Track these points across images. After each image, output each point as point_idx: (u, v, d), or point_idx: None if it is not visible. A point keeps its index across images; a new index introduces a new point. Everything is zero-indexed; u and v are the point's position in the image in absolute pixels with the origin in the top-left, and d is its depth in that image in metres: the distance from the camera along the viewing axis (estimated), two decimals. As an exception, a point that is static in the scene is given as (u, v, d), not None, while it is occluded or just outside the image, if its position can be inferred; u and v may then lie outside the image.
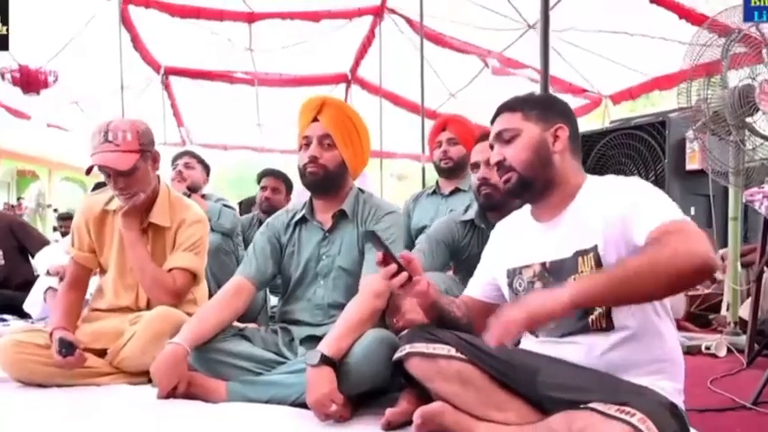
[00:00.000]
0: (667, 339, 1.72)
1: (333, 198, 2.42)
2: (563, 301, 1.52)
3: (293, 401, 2.10)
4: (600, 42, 8.06)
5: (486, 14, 8.33)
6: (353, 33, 10.12)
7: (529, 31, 8.43)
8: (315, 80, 11.43)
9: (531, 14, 8.14)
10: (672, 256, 1.44)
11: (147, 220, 2.62)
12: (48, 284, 3.91)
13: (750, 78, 3.69)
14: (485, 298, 2.03)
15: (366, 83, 11.30)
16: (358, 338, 2.07)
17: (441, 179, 3.58)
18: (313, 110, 2.37)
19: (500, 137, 1.86)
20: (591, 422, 1.50)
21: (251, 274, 2.40)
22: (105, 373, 2.49)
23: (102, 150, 2.45)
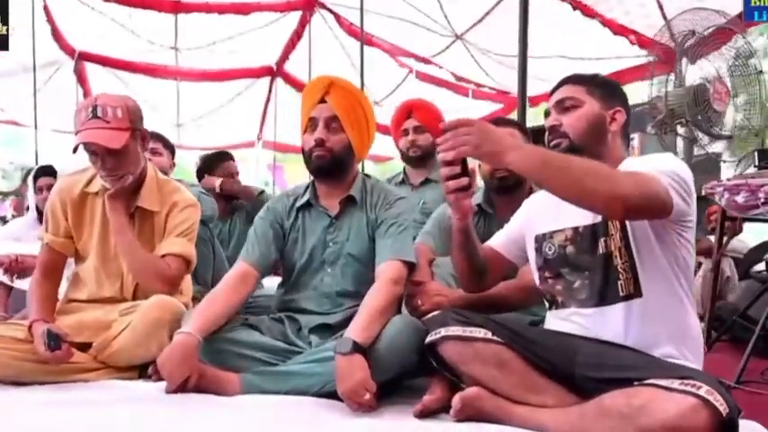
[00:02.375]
0: (691, 315, 1.77)
1: (339, 183, 2.29)
2: (507, 154, 1.61)
3: (316, 391, 1.96)
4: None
5: (419, 20, 8.26)
6: (282, 29, 9.88)
7: (456, 41, 8.45)
8: (238, 73, 11.12)
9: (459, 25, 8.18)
10: (609, 177, 1.59)
11: (134, 204, 2.40)
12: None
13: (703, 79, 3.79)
14: (506, 252, 2.06)
15: (291, 78, 11.08)
16: (385, 325, 1.97)
17: (409, 168, 3.46)
18: (320, 90, 2.23)
19: (560, 104, 1.88)
20: (653, 397, 1.48)
21: (255, 260, 2.25)
22: (91, 368, 2.25)
23: (91, 127, 2.23)
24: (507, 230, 2.10)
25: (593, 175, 1.59)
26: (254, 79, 11.36)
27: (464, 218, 1.86)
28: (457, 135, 1.64)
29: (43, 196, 3.74)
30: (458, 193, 1.74)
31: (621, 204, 1.56)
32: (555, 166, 1.62)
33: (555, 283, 1.90)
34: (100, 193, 2.40)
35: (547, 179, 1.63)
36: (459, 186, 1.72)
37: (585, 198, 1.60)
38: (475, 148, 1.63)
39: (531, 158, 1.62)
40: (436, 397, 1.85)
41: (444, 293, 2.18)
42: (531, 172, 1.64)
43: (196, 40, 9.93)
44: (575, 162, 1.63)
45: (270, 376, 2.01)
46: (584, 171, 1.60)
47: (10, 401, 1.99)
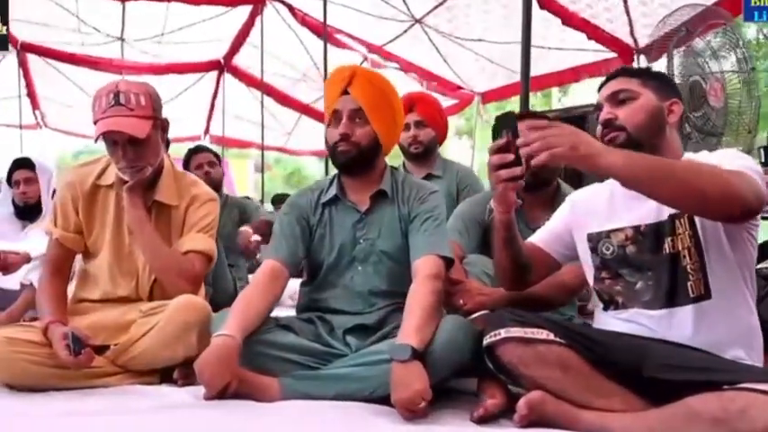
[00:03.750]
0: (754, 315, 1.73)
1: (367, 177, 2.18)
2: (604, 156, 1.54)
3: (365, 396, 1.85)
4: (482, 44, 8.10)
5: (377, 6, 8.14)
6: (232, 21, 9.60)
7: (415, 25, 8.36)
8: (186, 67, 10.81)
9: (418, 8, 8.09)
10: (717, 176, 1.52)
11: (151, 198, 2.24)
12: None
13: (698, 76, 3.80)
14: (550, 250, 1.99)
15: (240, 72, 10.82)
16: (437, 325, 1.87)
17: (409, 164, 3.37)
18: (342, 81, 2.11)
19: (614, 97, 1.82)
20: (753, 402, 1.42)
21: (284, 258, 2.11)
22: (109, 373, 2.09)
23: (114, 114, 2.07)
24: (550, 228, 2.03)
25: (696, 174, 1.53)
26: (201, 73, 11.06)
27: (508, 210, 1.78)
28: (546, 136, 1.55)
29: (20, 190, 3.51)
30: (509, 182, 1.66)
31: (739, 205, 1.50)
32: (656, 167, 1.54)
33: (613, 284, 1.83)
34: (114, 186, 2.23)
35: (649, 182, 1.55)
36: (511, 176, 1.64)
37: (696, 200, 1.53)
38: (570, 149, 1.53)
39: (630, 161, 1.54)
40: (498, 401, 1.76)
41: (486, 292, 2.11)
42: (632, 175, 1.55)
43: (144, 32, 9.58)
44: (675, 163, 1.57)
45: (313, 380, 1.89)
46: (686, 171, 1.53)
47: (29, 411, 1.82)
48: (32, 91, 11.00)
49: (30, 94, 10.98)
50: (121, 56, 10.10)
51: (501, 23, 7.57)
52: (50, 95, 11.20)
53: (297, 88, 10.69)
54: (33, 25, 9.16)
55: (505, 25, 7.58)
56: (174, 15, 9.07)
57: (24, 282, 3.27)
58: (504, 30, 7.59)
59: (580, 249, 1.94)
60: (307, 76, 10.42)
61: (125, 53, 10.09)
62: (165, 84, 10.59)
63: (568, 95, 14.59)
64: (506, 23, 7.55)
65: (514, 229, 1.84)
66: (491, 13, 7.52)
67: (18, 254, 3.18)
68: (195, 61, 10.73)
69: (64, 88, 10.66)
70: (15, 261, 3.17)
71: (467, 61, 8.68)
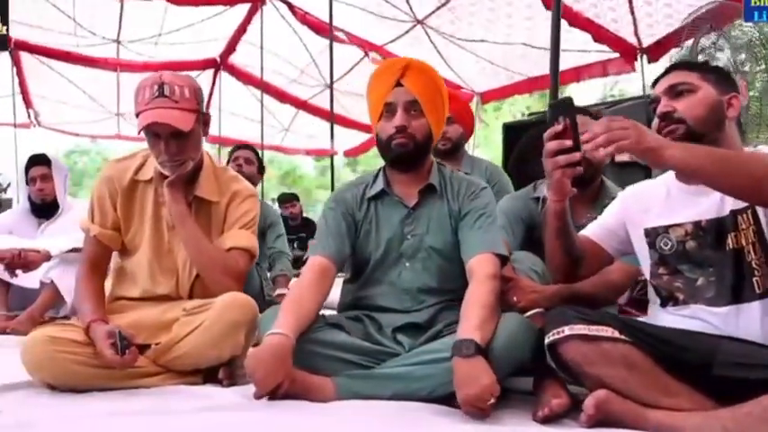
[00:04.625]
0: None
1: (416, 171, 2.11)
2: (667, 149, 1.55)
3: (423, 396, 1.79)
4: (483, 45, 8.07)
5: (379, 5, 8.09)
6: (228, 21, 9.52)
7: (416, 26, 8.32)
8: (181, 66, 10.69)
9: (420, 9, 8.05)
10: None
11: (191, 194, 2.16)
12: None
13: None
14: (604, 243, 1.96)
15: (237, 70, 10.73)
16: (497, 323, 1.81)
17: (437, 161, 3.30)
18: (395, 73, 2.04)
19: (672, 89, 1.78)
20: None
21: (332, 254, 2.05)
22: (151, 373, 2.02)
23: (158, 106, 1.99)
24: (603, 222, 1.98)
25: (757, 163, 1.51)
26: (197, 72, 10.95)
27: (563, 198, 1.74)
28: (611, 129, 1.53)
29: (37, 187, 3.44)
30: (566, 168, 1.62)
31: None
32: (718, 158, 1.52)
33: (672, 280, 1.79)
34: (153, 181, 2.16)
35: (715, 175, 1.53)
36: (570, 162, 1.60)
37: (757, 189, 1.51)
38: (636, 143, 1.52)
39: (692, 152, 1.53)
40: (564, 401, 1.71)
41: (538, 290, 2.06)
42: (696, 166, 1.54)
43: (140, 33, 9.49)
44: (736, 154, 1.55)
45: (368, 380, 1.83)
46: (747, 161, 1.52)
47: (75, 411, 1.74)
48: (25, 89, 10.86)
49: (23, 92, 10.83)
50: (117, 57, 10.00)
51: (504, 24, 7.56)
52: (44, 93, 11.07)
53: (294, 85, 10.63)
54: (28, 27, 9.03)
55: (509, 26, 7.57)
56: (172, 16, 8.98)
57: (44, 280, 3.20)
58: (508, 30, 7.59)
59: (636, 244, 1.89)
60: (304, 74, 10.37)
61: (120, 54, 9.99)
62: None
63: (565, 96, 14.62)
64: (509, 24, 7.55)
65: (568, 219, 1.79)
66: (495, 12, 7.49)
67: (38, 252, 3.12)
68: (191, 59, 10.64)
69: (57, 86, 10.56)
70: (35, 259, 3.11)
71: (467, 62, 8.65)
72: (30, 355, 1.88)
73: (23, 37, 9.41)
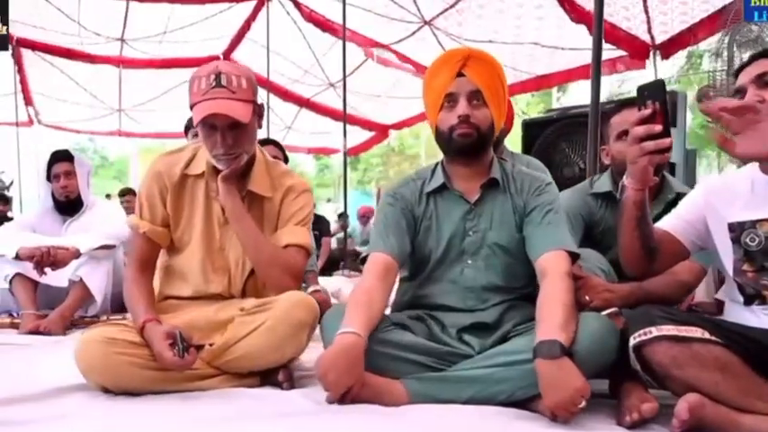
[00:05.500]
0: None
1: (478, 165, 2.01)
2: None
3: (502, 400, 1.70)
4: (492, 46, 7.97)
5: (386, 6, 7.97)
6: (233, 18, 9.39)
7: (424, 27, 8.22)
8: (183, 62, 10.56)
9: (428, 10, 7.95)
10: None
11: (244, 189, 2.05)
12: (13, 271, 3.10)
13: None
14: (681, 237, 1.85)
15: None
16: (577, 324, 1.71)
17: None
18: (457, 63, 1.93)
19: (761, 79, 1.71)
20: None
21: (395, 252, 1.94)
22: (207, 375, 1.92)
23: (216, 97, 1.88)
24: (680, 215, 1.88)
25: None
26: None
27: (644, 187, 1.65)
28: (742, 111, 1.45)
29: (61, 184, 3.32)
30: (655, 155, 1.54)
31: None
32: None
33: (758, 278, 1.69)
34: (206, 176, 2.05)
35: None
36: (660, 147, 1.52)
37: None
38: None
39: None
40: (655, 405, 1.60)
41: (611, 288, 1.96)
42: None
43: (145, 31, 9.36)
44: None
45: (441, 383, 1.73)
46: None
47: (154, 420, 1.64)
48: (26, 87, 10.72)
49: (24, 90, 10.69)
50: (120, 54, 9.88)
51: (514, 25, 7.47)
52: (44, 91, 10.93)
53: (297, 83, 10.51)
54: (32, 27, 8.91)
55: (518, 26, 7.49)
56: (177, 14, 8.86)
57: (73, 278, 3.09)
58: (517, 31, 7.51)
59: (717, 239, 1.80)
60: (308, 73, 10.26)
61: (124, 53, 9.86)
62: (162, 78, 10.44)
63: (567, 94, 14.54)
64: (518, 25, 7.46)
65: (647, 209, 1.70)
66: (504, 13, 7.40)
67: (67, 249, 3.01)
68: (194, 56, 10.51)
69: (58, 83, 10.41)
70: (64, 257, 3.00)
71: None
72: (85, 356, 1.78)
73: (27, 34, 9.29)
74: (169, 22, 9.09)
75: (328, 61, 9.66)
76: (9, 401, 1.73)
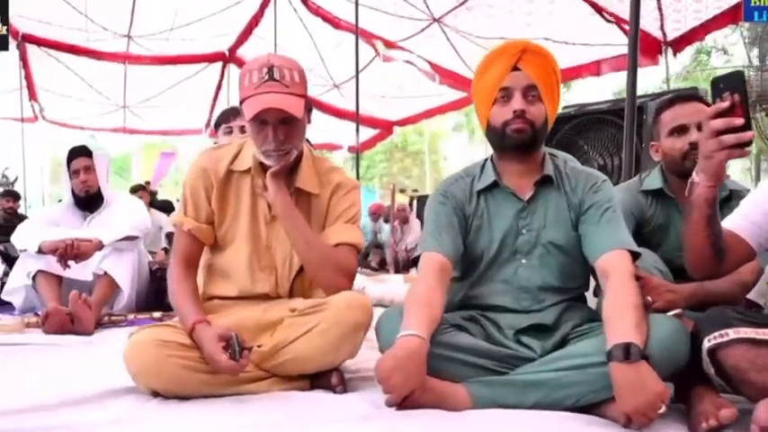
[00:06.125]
0: None
1: (530, 161, 1.93)
2: None
3: (570, 405, 1.62)
4: (499, 43, 7.88)
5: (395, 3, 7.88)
6: (239, 14, 9.28)
7: (433, 24, 8.14)
8: (189, 58, 10.48)
9: (437, 8, 7.87)
10: None
11: (292, 185, 1.97)
12: (36, 267, 3.02)
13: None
14: (748, 237, 1.76)
15: (245, 63, 10.44)
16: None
17: None
18: (512, 57, 1.86)
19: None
20: None
21: (449, 251, 1.87)
22: (257, 378, 1.84)
23: (268, 90, 1.79)
24: (746, 214, 1.80)
25: None
26: (205, 64, 10.72)
27: (717, 183, 1.58)
28: None
29: (81, 179, 3.25)
30: (734, 149, 1.47)
31: None
32: None
33: None
34: (253, 172, 1.97)
35: None
36: (740, 141, 1.45)
37: None
38: None
39: None
40: (734, 411, 1.52)
41: (673, 289, 1.90)
42: None
43: (151, 27, 9.24)
44: None
45: (506, 387, 1.66)
46: None
47: (218, 427, 1.57)
48: (31, 83, 10.60)
49: (28, 86, 10.57)
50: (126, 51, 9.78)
51: (524, 22, 7.40)
52: (49, 87, 10.82)
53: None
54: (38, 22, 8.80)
55: (528, 24, 7.42)
56: (183, 10, 8.75)
57: (97, 272, 3.01)
58: (527, 28, 7.44)
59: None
60: (312, 71, 10.15)
61: (130, 49, 9.75)
62: (167, 74, 10.34)
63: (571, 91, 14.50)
64: (529, 22, 7.39)
65: (717, 207, 1.62)
66: (514, 13, 7.34)
67: (90, 241, 2.94)
68: (199, 53, 10.42)
69: (63, 79, 10.30)
70: (87, 249, 2.94)
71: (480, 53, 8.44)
72: (136, 359, 1.71)
73: (33, 29, 9.19)
74: (176, 18, 8.98)
75: (334, 61, 9.59)
76: (60, 405, 1.66)
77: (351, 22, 8.39)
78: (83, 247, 2.94)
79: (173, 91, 10.95)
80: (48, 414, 1.60)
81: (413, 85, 9.61)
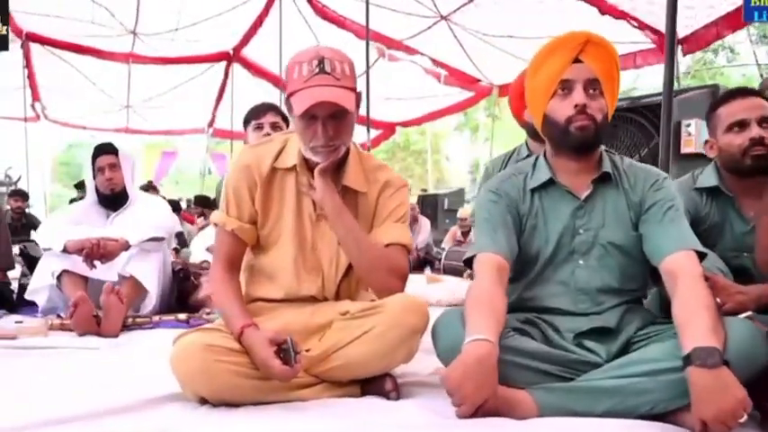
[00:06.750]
0: None
1: (588, 159, 1.84)
2: None
3: (643, 412, 1.53)
4: (511, 41, 7.81)
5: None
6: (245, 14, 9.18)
7: (440, 21, 8.05)
8: (193, 58, 10.39)
9: (445, 5, 7.78)
10: None
11: (339, 183, 1.87)
12: (61, 267, 2.91)
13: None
14: None
15: (250, 63, 10.40)
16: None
17: (534, 143, 2.84)
18: (575, 48, 1.76)
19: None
20: None
21: (506, 252, 1.78)
22: (307, 384, 1.75)
23: (320, 84, 1.69)
24: None
25: None
26: (209, 64, 10.63)
27: None
28: None
29: (106, 176, 3.14)
30: None
31: None
32: None
33: None
34: (298, 169, 1.87)
35: None
36: None
37: None
38: None
39: None
40: None
41: (743, 290, 1.81)
42: None
43: (156, 26, 9.13)
44: None
45: (574, 394, 1.57)
46: None
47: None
48: (34, 82, 10.50)
49: (31, 85, 10.47)
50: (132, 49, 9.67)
51: (532, 20, 7.31)
52: (52, 86, 10.72)
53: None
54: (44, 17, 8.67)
55: (537, 21, 7.32)
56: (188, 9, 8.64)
57: (123, 273, 2.91)
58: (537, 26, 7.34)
59: None
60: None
61: (136, 47, 9.65)
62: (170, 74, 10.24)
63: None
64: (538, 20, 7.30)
65: None
66: (523, 10, 7.25)
67: (116, 241, 2.85)
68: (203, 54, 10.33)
69: (66, 78, 10.20)
70: (114, 249, 2.85)
71: (491, 56, 8.34)
72: (184, 364, 1.61)
73: (38, 28, 9.10)
74: (180, 18, 8.88)
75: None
76: (106, 413, 1.58)
77: (356, 21, 8.36)
78: (109, 247, 2.84)
79: (176, 91, 10.87)
80: (95, 424, 1.52)
81: (417, 85, 9.52)
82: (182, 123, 12.53)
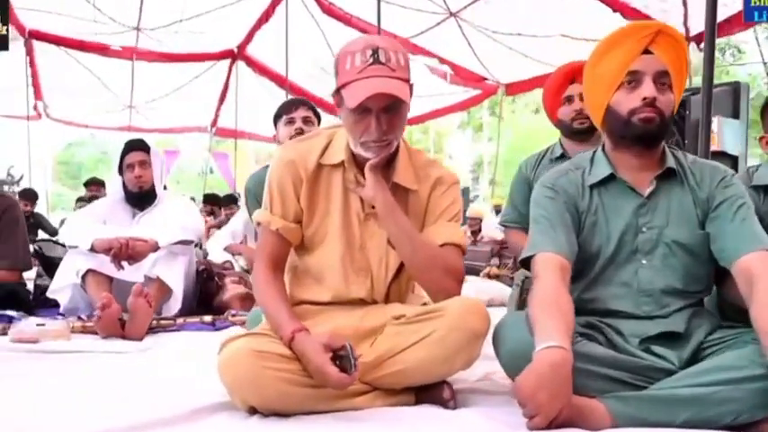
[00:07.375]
0: None
1: (652, 154, 1.74)
2: None
3: (726, 423, 1.43)
4: (519, 39, 7.71)
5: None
6: (250, 10, 9.04)
7: (449, 18, 7.94)
8: (197, 56, 10.27)
9: (454, 2, 7.67)
10: None
11: (389, 180, 1.76)
12: (87, 266, 2.79)
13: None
14: None
15: (254, 61, 10.29)
16: None
17: (568, 142, 2.86)
18: (645, 38, 1.66)
19: None
20: None
21: (565, 250, 1.68)
22: (360, 392, 1.64)
23: (375, 74, 1.58)
24: None
25: None
26: (213, 62, 10.51)
27: None
28: None
29: (135, 173, 3.03)
30: None
31: None
32: None
33: None
34: (346, 165, 1.76)
35: None
36: None
37: None
38: None
39: None
40: None
41: None
42: None
43: (160, 20, 8.99)
44: None
45: (650, 403, 1.47)
46: None
47: None
48: (36, 81, 10.36)
49: (34, 84, 10.33)
50: (136, 44, 9.53)
51: (543, 17, 7.21)
52: (54, 85, 10.58)
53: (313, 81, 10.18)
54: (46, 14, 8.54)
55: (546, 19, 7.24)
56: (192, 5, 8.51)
57: (150, 275, 2.80)
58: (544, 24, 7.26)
59: None
60: (324, 70, 9.93)
61: (140, 42, 9.51)
62: (174, 73, 10.12)
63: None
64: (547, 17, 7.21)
65: None
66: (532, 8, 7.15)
67: (145, 242, 2.74)
68: (208, 51, 10.21)
69: (69, 75, 10.06)
70: (143, 249, 2.75)
71: (499, 54, 8.24)
72: (232, 371, 1.50)
73: (41, 24, 8.97)
74: (183, 15, 8.76)
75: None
76: (156, 424, 1.47)
77: (362, 18, 8.25)
78: (138, 248, 2.74)
79: (179, 89, 10.74)
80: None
81: (422, 83, 9.39)
82: (184, 122, 12.40)
